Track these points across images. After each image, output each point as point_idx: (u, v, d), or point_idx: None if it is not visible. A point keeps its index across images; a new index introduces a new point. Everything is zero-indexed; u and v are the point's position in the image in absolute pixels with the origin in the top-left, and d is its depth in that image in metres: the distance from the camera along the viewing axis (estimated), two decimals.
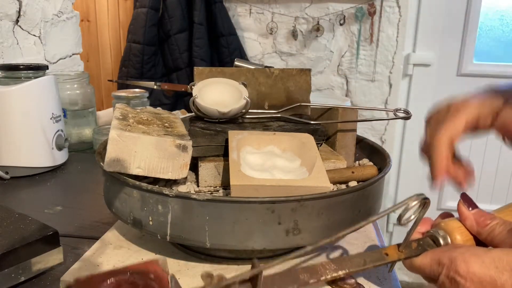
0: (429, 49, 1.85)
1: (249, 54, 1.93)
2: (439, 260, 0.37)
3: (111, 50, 1.98)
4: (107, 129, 0.98)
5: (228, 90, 0.63)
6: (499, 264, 0.34)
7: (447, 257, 0.37)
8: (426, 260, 0.38)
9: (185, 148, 0.50)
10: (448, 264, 0.36)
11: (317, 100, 0.75)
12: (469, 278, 0.35)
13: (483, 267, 0.34)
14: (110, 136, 0.48)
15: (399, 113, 0.62)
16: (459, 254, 0.36)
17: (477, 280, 0.34)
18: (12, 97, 0.80)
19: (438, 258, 0.37)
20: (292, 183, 0.47)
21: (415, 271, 0.40)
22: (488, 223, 0.39)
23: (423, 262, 0.39)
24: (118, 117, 0.54)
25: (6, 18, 1.08)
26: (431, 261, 0.38)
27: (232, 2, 1.89)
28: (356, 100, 1.91)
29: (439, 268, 0.37)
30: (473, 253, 0.35)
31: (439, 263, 0.37)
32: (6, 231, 0.48)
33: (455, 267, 0.35)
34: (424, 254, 0.39)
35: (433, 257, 0.38)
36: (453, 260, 0.36)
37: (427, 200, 0.37)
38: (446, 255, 0.37)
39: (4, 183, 0.81)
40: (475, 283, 0.34)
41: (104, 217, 0.65)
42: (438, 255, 0.37)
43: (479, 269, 0.34)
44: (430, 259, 0.38)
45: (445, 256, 0.37)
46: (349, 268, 0.39)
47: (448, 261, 0.36)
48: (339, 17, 1.82)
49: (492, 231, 0.39)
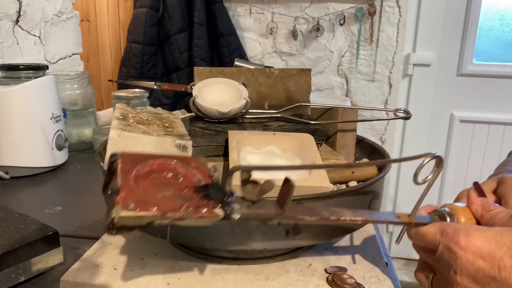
0: (429, 49, 1.85)
1: (249, 54, 1.93)
2: (443, 230, 0.39)
3: (111, 50, 1.98)
4: (107, 129, 0.98)
5: (228, 90, 0.63)
6: (500, 239, 0.35)
7: (452, 228, 0.38)
8: (432, 229, 0.40)
9: (185, 148, 0.50)
10: (451, 234, 0.37)
11: (317, 100, 0.75)
12: (469, 249, 0.36)
13: (484, 240, 0.35)
14: (110, 136, 0.48)
15: (399, 113, 0.62)
16: (463, 227, 0.37)
17: (477, 251, 0.35)
18: (12, 97, 0.80)
19: (443, 228, 0.39)
20: None
21: (417, 238, 0.42)
22: (492, 209, 0.41)
23: (429, 230, 0.40)
24: (118, 117, 0.54)
25: (6, 18, 1.08)
26: (436, 230, 0.40)
27: (232, 2, 1.89)
28: (356, 100, 1.91)
29: (441, 238, 0.38)
30: (476, 228, 0.37)
31: (443, 233, 0.38)
32: (6, 231, 0.48)
33: (457, 238, 0.37)
34: (431, 224, 0.41)
35: (439, 226, 0.40)
36: (456, 231, 0.37)
37: (440, 158, 0.38)
38: (452, 226, 0.39)
39: (4, 183, 0.81)
40: (474, 254, 0.35)
41: (104, 217, 0.65)
42: (443, 226, 0.39)
43: (480, 242, 0.36)
44: (435, 229, 0.40)
45: (450, 227, 0.38)
46: (366, 217, 0.40)
47: (452, 231, 0.38)
48: (339, 17, 1.82)
49: (495, 216, 0.40)
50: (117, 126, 0.49)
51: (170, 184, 0.32)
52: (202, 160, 0.35)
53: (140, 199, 0.29)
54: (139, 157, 0.32)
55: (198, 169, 0.34)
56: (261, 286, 0.45)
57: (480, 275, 0.35)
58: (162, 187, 0.32)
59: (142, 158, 0.32)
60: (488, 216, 0.41)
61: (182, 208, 0.29)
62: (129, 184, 0.30)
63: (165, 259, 0.50)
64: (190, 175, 0.33)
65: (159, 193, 0.31)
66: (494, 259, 0.34)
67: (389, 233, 2.12)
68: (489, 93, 1.89)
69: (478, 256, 0.35)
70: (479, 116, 1.88)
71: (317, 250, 0.53)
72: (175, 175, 0.33)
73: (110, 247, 0.52)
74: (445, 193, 2.01)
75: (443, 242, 0.38)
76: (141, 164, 0.32)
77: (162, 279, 0.46)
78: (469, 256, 0.36)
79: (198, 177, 0.33)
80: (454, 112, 1.94)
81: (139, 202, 0.28)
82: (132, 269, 0.48)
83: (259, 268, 0.48)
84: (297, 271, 0.48)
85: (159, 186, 0.32)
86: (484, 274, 0.35)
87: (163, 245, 0.53)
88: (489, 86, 1.89)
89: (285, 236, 0.45)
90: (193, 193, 0.32)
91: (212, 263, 0.49)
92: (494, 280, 0.34)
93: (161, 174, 0.33)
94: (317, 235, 0.46)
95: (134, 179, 0.31)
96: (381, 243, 0.57)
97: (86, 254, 0.51)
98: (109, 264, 0.48)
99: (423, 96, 1.91)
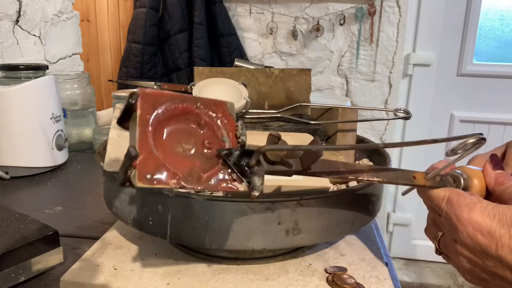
0: (429, 49, 1.85)
1: (249, 54, 1.93)
2: (450, 199, 0.39)
3: (111, 50, 1.98)
4: (107, 129, 0.98)
5: (228, 90, 0.63)
6: (502, 218, 0.35)
7: (458, 199, 0.38)
8: (441, 193, 0.40)
9: None
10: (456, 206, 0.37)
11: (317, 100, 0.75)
12: (469, 224, 0.36)
13: (487, 217, 0.35)
14: (110, 136, 0.48)
15: (399, 113, 0.62)
16: (469, 201, 0.37)
17: (477, 227, 0.35)
18: (12, 97, 0.80)
19: (450, 197, 0.39)
20: (292, 183, 0.47)
21: (426, 198, 0.42)
22: (506, 182, 0.41)
23: (438, 194, 0.40)
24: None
25: (6, 18, 1.08)
26: (443, 196, 0.40)
27: (232, 2, 1.89)
28: (356, 100, 1.91)
29: (446, 206, 0.39)
30: (482, 204, 0.37)
31: (449, 201, 0.39)
32: (6, 231, 0.48)
33: (460, 211, 0.37)
34: (442, 189, 0.41)
35: (447, 193, 0.39)
36: (461, 204, 0.37)
37: (483, 140, 0.38)
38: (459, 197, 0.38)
39: (4, 183, 0.81)
40: (474, 229, 0.36)
41: (104, 217, 0.65)
42: (452, 195, 0.39)
43: (481, 218, 0.35)
44: (443, 194, 0.40)
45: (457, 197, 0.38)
46: (383, 178, 0.40)
47: (457, 203, 0.38)
48: (339, 17, 1.82)
49: (506, 189, 0.40)
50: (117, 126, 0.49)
51: (192, 134, 0.30)
52: (230, 108, 0.32)
53: (159, 166, 0.26)
54: (161, 98, 0.29)
55: (224, 121, 0.31)
56: (261, 286, 0.45)
57: (478, 249, 0.35)
58: (183, 138, 0.29)
59: (164, 100, 0.29)
60: (499, 190, 0.41)
61: (203, 179, 0.27)
62: (147, 142, 0.27)
63: (165, 259, 0.50)
64: (215, 127, 0.31)
65: (178, 147, 0.28)
66: (493, 237, 0.35)
67: (389, 233, 2.12)
68: (489, 93, 1.89)
69: (478, 231, 0.35)
70: (479, 116, 1.88)
71: (317, 250, 0.53)
72: (199, 124, 0.30)
73: (110, 247, 0.52)
74: None
75: (447, 211, 0.38)
76: (162, 108, 0.29)
77: (162, 279, 0.46)
78: (469, 231, 0.36)
79: (223, 131, 0.31)
80: (454, 112, 1.94)
81: (157, 170, 0.26)
82: (132, 269, 0.48)
83: (259, 268, 0.48)
84: (297, 271, 0.48)
85: (180, 136, 0.29)
86: (482, 249, 0.35)
87: (163, 245, 0.53)
88: (489, 86, 1.89)
89: (285, 236, 0.45)
90: (215, 155, 0.29)
91: (212, 263, 0.49)
92: (491, 256, 0.35)
93: (183, 122, 0.30)
94: (317, 235, 0.46)
95: (153, 130, 0.28)
96: (381, 243, 0.57)
97: (86, 254, 0.51)
98: (109, 264, 0.48)
99: (423, 96, 1.91)
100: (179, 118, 0.29)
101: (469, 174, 0.43)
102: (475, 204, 0.37)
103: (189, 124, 0.30)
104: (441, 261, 2.13)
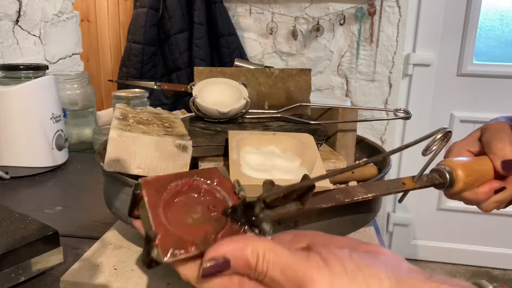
0: (429, 49, 1.85)
1: (249, 54, 1.93)
2: None
3: (111, 50, 1.98)
4: (107, 129, 0.98)
5: (228, 90, 0.63)
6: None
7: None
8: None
9: (185, 148, 0.50)
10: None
11: (317, 100, 0.75)
12: None
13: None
14: (110, 136, 0.48)
15: (399, 113, 0.62)
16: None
17: None
18: (12, 97, 0.80)
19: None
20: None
21: None
22: None
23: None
24: (118, 117, 0.54)
25: (6, 18, 1.08)
26: None
27: (232, 2, 1.89)
28: (356, 100, 1.91)
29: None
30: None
31: None
32: (6, 231, 0.48)
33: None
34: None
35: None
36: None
37: (449, 133, 0.40)
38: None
39: (4, 183, 0.81)
40: None
41: (104, 217, 0.65)
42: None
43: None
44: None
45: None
46: (376, 192, 0.42)
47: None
48: (339, 17, 1.82)
49: None
50: (117, 126, 0.49)
51: (196, 203, 0.32)
52: (223, 172, 0.35)
53: (177, 240, 0.29)
54: (162, 181, 0.32)
55: (221, 184, 0.34)
56: None
57: None
58: (190, 209, 0.32)
59: (165, 182, 0.32)
60: None
61: (218, 239, 0.29)
62: (161, 222, 0.29)
63: None
64: (215, 191, 0.33)
65: (188, 218, 0.31)
66: None
67: (389, 233, 2.12)
68: (489, 93, 1.89)
69: None
70: (479, 116, 1.88)
71: None
72: (199, 193, 0.33)
73: (110, 247, 0.52)
74: None
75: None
76: (166, 191, 0.32)
77: (162, 279, 0.46)
78: None
79: (223, 193, 0.33)
80: (454, 112, 1.94)
81: (177, 244, 0.28)
82: (132, 269, 0.48)
83: None
84: None
85: (187, 208, 0.32)
86: None
87: None
88: (489, 86, 1.89)
89: None
90: (222, 215, 0.32)
91: None
92: None
93: (186, 195, 0.33)
94: None
95: (164, 211, 0.30)
96: (381, 243, 0.57)
97: (86, 254, 0.51)
98: (109, 264, 0.48)
99: (423, 96, 1.91)
100: (181, 193, 0.32)
101: (451, 166, 0.44)
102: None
103: (192, 196, 0.33)
104: (441, 261, 2.13)
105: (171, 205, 0.31)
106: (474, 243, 2.09)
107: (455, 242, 2.11)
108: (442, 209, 2.06)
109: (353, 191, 0.41)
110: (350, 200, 0.40)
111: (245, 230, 0.31)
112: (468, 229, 2.06)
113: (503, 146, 0.45)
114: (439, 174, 0.44)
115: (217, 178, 0.34)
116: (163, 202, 0.31)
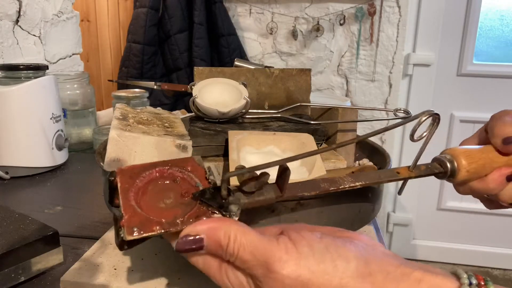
0: (429, 49, 1.85)
1: (249, 54, 1.93)
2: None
3: (111, 50, 1.98)
4: (107, 129, 0.98)
5: (228, 90, 0.63)
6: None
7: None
8: None
9: (185, 148, 0.50)
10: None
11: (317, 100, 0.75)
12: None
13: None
14: (110, 136, 0.48)
15: (399, 113, 0.62)
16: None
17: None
18: (12, 97, 0.80)
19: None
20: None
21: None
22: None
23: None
24: (118, 117, 0.54)
25: (6, 18, 1.08)
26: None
27: (232, 2, 1.89)
28: (356, 100, 1.91)
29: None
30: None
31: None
32: (6, 231, 0.48)
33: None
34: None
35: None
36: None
37: (437, 115, 0.38)
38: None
39: (4, 183, 0.81)
40: None
41: (104, 217, 0.65)
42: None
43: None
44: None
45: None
46: (365, 180, 0.39)
47: None
48: (339, 17, 1.82)
49: None
50: (117, 126, 0.49)
51: (170, 190, 0.34)
52: (198, 160, 0.36)
53: (143, 220, 0.30)
54: (136, 170, 0.34)
55: (194, 172, 0.35)
56: None
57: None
58: (163, 195, 0.33)
59: (139, 170, 0.34)
60: None
61: (185, 220, 0.31)
62: (130, 204, 0.31)
63: (165, 259, 0.50)
64: (188, 178, 0.35)
65: (160, 203, 0.32)
66: None
67: (389, 233, 2.12)
68: (489, 93, 1.89)
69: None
70: (479, 116, 1.88)
71: None
72: (173, 180, 0.34)
73: (110, 247, 0.52)
74: (445, 193, 2.01)
75: None
76: (139, 178, 0.34)
77: (162, 279, 0.46)
78: None
79: (195, 180, 0.35)
80: (454, 112, 1.94)
81: (142, 224, 0.30)
82: (132, 269, 0.48)
83: None
84: None
85: (160, 194, 0.33)
86: None
87: (163, 245, 0.53)
88: (489, 86, 1.89)
89: None
90: (192, 200, 0.33)
91: None
92: None
93: (160, 182, 0.34)
94: None
95: (135, 195, 0.32)
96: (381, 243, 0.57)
97: (86, 254, 0.51)
98: (109, 264, 0.48)
99: (423, 96, 1.91)
100: (156, 181, 0.34)
101: (453, 154, 0.41)
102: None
103: (166, 183, 0.34)
104: (441, 261, 2.13)
105: (145, 191, 0.33)
106: (474, 243, 2.09)
107: (455, 242, 2.11)
108: (442, 209, 2.06)
109: (339, 180, 0.39)
110: (335, 188, 0.38)
111: (212, 211, 0.32)
112: (468, 229, 2.07)
113: (504, 127, 0.43)
114: (439, 163, 0.42)
115: (191, 166, 0.35)
116: (135, 188, 0.33)
